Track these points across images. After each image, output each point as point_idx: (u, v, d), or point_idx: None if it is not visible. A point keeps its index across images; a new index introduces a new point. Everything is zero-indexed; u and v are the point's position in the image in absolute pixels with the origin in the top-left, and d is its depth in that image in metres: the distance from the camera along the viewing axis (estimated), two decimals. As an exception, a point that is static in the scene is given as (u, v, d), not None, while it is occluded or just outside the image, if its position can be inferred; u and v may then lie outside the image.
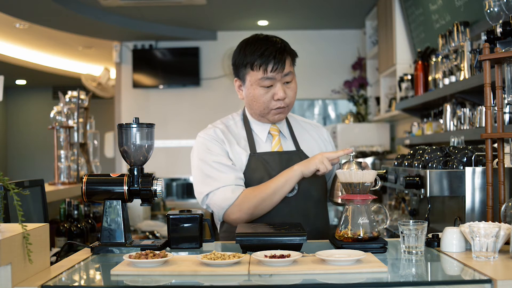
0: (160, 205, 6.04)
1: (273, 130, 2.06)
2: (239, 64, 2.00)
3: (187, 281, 1.36)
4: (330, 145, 2.21)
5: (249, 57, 1.95)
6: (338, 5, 5.80)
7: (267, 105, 1.96)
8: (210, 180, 1.93)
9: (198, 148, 2.00)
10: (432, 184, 2.12)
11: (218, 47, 6.91)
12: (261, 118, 2.03)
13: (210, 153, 1.96)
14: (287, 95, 1.96)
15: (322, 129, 2.24)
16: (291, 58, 1.98)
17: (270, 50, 1.92)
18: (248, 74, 1.97)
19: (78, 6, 5.57)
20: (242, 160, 1.97)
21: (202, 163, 1.96)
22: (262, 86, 1.94)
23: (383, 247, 1.64)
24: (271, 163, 1.98)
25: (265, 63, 1.91)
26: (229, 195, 1.89)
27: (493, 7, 2.33)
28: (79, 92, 3.60)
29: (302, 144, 2.10)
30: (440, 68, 3.46)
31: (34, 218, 2.05)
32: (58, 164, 3.53)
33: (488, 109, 1.82)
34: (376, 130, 5.87)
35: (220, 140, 1.99)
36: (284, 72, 1.93)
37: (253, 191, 1.90)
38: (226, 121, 2.09)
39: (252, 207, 1.89)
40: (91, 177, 1.72)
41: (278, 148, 2.03)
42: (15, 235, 1.30)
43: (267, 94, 1.95)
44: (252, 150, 2.00)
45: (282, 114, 2.01)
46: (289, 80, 1.97)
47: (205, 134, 2.02)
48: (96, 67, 8.92)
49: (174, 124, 6.95)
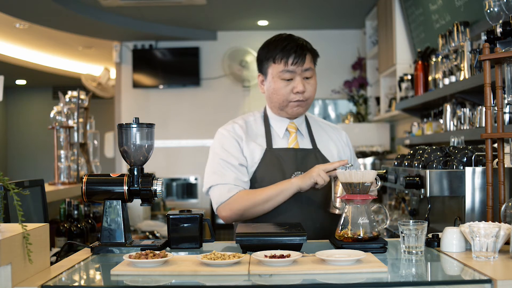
0: (160, 205, 6.04)
1: (290, 127, 2.12)
2: (262, 59, 2.11)
3: (187, 281, 1.36)
4: (348, 148, 2.23)
5: (272, 51, 2.06)
6: (338, 5, 5.80)
7: (286, 97, 2.04)
8: (214, 175, 2.03)
9: (215, 143, 2.11)
10: (432, 184, 2.12)
11: (218, 47, 6.91)
12: (280, 112, 2.10)
13: (222, 151, 2.05)
14: (306, 89, 2.04)
15: (342, 131, 2.26)
16: (312, 56, 2.07)
17: (292, 45, 2.03)
18: (270, 67, 2.07)
19: (78, 6, 5.57)
20: (256, 156, 2.05)
21: (213, 158, 2.07)
22: (283, 79, 2.03)
23: (383, 247, 1.64)
24: (286, 159, 2.04)
25: (286, 56, 2.01)
26: (224, 193, 1.98)
27: (493, 7, 2.33)
28: (79, 92, 3.60)
29: (320, 144, 2.14)
30: (440, 68, 3.46)
31: (34, 218, 2.04)
32: (58, 164, 3.53)
33: (488, 109, 1.82)
34: (376, 130, 5.87)
35: (237, 136, 2.07)
36: (304, 66, 2.02)
37: (247, 194, 1.97)
38: (246, 117, 2.18)
39: (242, 209, 1.96)
40: (91, 177, 1.72)
41: (294, 145, 2.09)
42: (15, 235, 1.30)
43: (287, 87, 2.03)
44: (268, 145, 2.07)
45: (300, 108, 2.07)
46: (309, 76, 2.05)
47: (224, 129, 2.12)
48: (96, 67, 8.92)
49: (174, 124, 6.95)
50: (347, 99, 6.69)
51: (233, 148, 2.05)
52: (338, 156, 2.16)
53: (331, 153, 2.14)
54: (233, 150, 2.04)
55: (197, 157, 6.86)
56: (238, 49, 6.78)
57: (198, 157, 6.85)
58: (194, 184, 6.97)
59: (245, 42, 6.86)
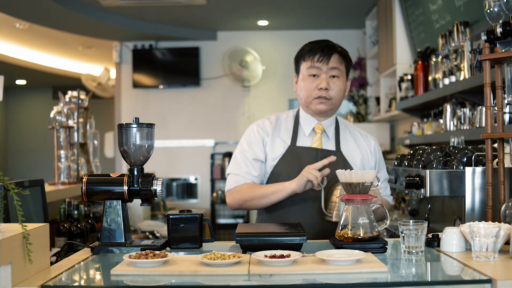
0: (160, 205, 6.05)
1: (317, 128, 2.18)
2: (297, 58, 2.21)
3: (187, 281, 1.36)
4: (374, 158, 2.22)
5: (303, 51, 2.18)
6: (338, 5, 5.79)
7: (311, 93, 2.12)
8: (233, 164, 2.20)
9: (244, 136, 2.25)
10: (432, 184, 2.12)
11: (218, 47, 6.91)
12: (307, 110, 2.18)
13: (246, 144, 2.19)
14: (331, 87, 2.10)
15: (371, 140, 2.26)
16: (342, 57, 2.13)
17: (320, 44, 2.14)
18: (301, 65, 2.17)
19: (78, 6, 5.57)
20: (278, 151, 2.14)
21: (238, 148, 2.22)
22: (310, 75, 2.12)
23: (383, 247, 1.64)
24: (305, 157, 2.10)
25: (313, 54, 2.12)
26: (232, 183, 2.16)
27: (493, 7, 2.33)
28: (79, 92, 3.60)
29: (344, 148, 2.18)
30: (440, 68, 3.46)
31: (34, 218, 2.04)
32: (58, 164, 3.53)
33: (488, 109, 1.82)
34: (376, 130, 5.87)
35: (264, 131, 2.19)
36: (330, 65, 2.10)
37: (249, 188, 2.11)
38: (280, 114, 2.28)
39: (241, 200, 2.12)
40: (91, 177, 1.72)
41: (317, 145, 2.15)
42: (15, 235, 1.30)
43: (312, 83, 2.12)
44: (292, 142, 2.16)
45: (323, 105, 2.12)
46: (336, 75, 2.11)
47: (255, 124, 2.25)
48: (96, 67, 8.92)
49: (174, 124, 6.95)
50: (347, 99, 6.68)
51: (255, 142, 2.17)
52: (361, 163, 2.17)
53: (353, 159, 2.15)
54: (254, 145, 2.17)
55: (197, 157, 6.85)
56: (238, 49, 6.78)
57: (198, 157, 6.86)
58: (194, 184, 6.97)
59: (245, 42, 6.86)
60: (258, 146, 2.17)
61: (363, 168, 2.16)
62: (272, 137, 2.17)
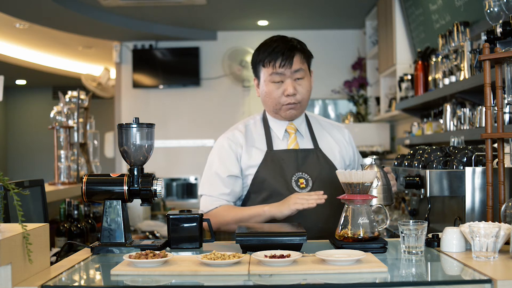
0: (160, 205, 6.03)
1: (289, 128, 2.12)
2: (255, 63, 2.11)
3: (187, 281, 1.36)
4: (351, 147, 2.22)
5: (261, 55, 2.06)
6: (338, 5, 5.79)
7: (278, 100, 2.05)
8: (205, 184, 2.11)
9: (213, 152, 2.14)
10: (432, 184, 2.12)
11: (218, 47, 6.91)
12: (275, 115, 2.11)
13: (218, 161, 2.09)
14: (298, 91, 2.03)
15: (344, 130, 2.25)
16: (303, 55, 2.05)
17: (280, 47, 2.02)
18: (261, 71, 2.07)
19: (78, 6, 5.56)
20: (257, 159, 2.06)
21: (208, 168, 2.12)
22: (273, 82, 2.04)
23: (383, 247, 1.64)
24: (286, 160, 2.05)
25: (274, 59, 2.01)
26: (208, 205, 2.07)
27: (493, 7, 2.33)
28: (79, 92, 3.60)
29: (321, 143, 2.14)
30: (440, 68, 3.46)
31: (34, 218, 2.04)
32: (58, 164, 3.53)
33: (488, 109, 1.82)
34: (376, 130, 5.87)
35: (237, 143, 2.09)
36: (293, 68, 2.01)
37: (225, 211, 2.03)
38: (247, 121, 2.19)
39: (218, 224, 2.03)
40: (91, 177, 1.72)
41: (294, 146, 2.10)
42: (15, 235, 1.30)
43: (278, 90, 2.04)
44: (269, 147, 2.09)
45: (293, 110, 2.07)
46: (300, 77, 2.03)
47: (224, 138, 2.13)
48: (96, 67, 8.92)
49: (174, 124, 6.95)
50: (347, 99, 6.69)
51: (227, 158, 2.08)
52: (340, 155, 2.15)
53: (332, 152, 2.13)
54: (226, 161, 2.07)
55: (197, 157, 6.85)
56: (238, 49, 6.78)
57: (198, 157, 6.85)
58: (194, 184, 6.97)
59: (245, 42, 6.86)
60: (231, 161, 2.07)
61: (343, 160, 2.15)
62: (247, 147, 2.08)
